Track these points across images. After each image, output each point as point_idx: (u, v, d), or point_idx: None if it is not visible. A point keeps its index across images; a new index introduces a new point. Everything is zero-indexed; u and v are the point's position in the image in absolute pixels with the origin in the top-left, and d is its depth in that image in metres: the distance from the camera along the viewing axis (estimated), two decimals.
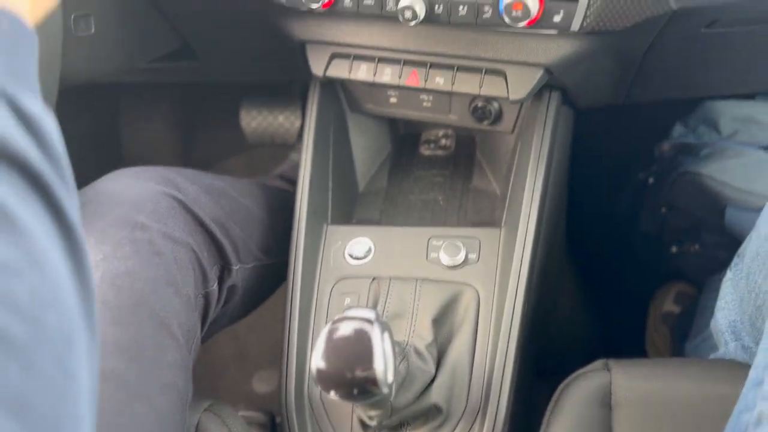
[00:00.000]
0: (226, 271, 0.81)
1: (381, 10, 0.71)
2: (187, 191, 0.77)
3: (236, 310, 0.90)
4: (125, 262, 0.66)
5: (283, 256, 0.89)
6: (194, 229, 0.75)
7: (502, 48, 0.73)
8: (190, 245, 0.73)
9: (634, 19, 0.61)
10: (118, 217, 0.69)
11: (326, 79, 0.85)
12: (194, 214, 0.76)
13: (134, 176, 0.75)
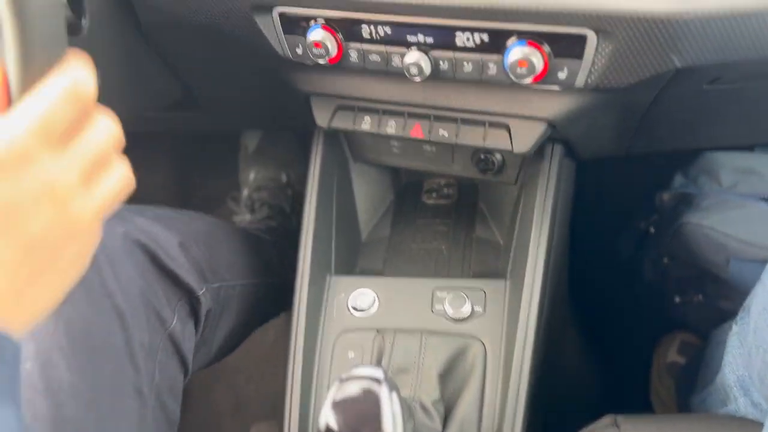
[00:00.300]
0: (192, 300, 0.79)
1: (387, 66, 0.72)
2: (138, 224, 0.76)
3: (223, 337, 0.89)
4: (77, 307, 0.65)
5: (256, 277, 0.88)
6: (147, 268, 0.75)
7: (506, 102, 0.74)
8: (141, 289, 0.72)
9: (638, 77, 0.62)
10: None
11: (331, 130, 0.86)
12: (147, 248, 0.75)
13: None
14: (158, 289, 0.75)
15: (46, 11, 0.44)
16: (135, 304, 0.71)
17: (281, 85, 0.85)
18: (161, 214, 0.83)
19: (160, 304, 0.74)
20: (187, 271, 0.78)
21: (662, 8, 0.56)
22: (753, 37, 0.58)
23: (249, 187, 1.45)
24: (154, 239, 0.76)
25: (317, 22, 0.71)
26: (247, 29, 0.74)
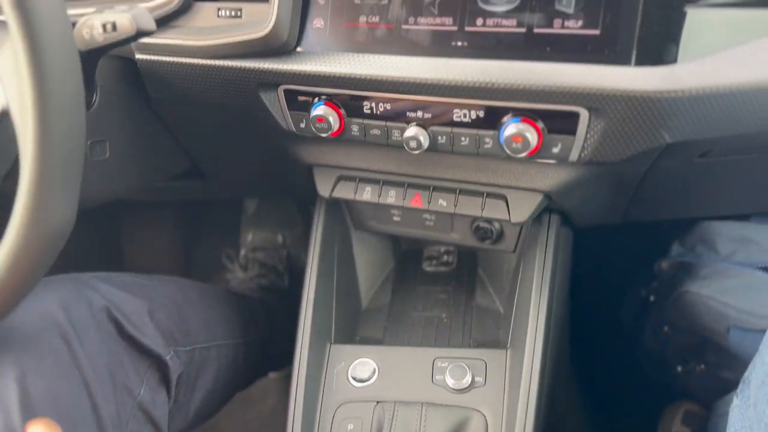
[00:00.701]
0: (161, 365, 0.80)
1: (387, 140, 0.74)
2: (105, 292, 0.78)
3: (200, 400, 0.88)
4: (44, 377, 0.65)
5: (236, 336, 0.88)
6: (113, 337, 0.76)
7: (503, 174, 0.76)
8: (108, 360, 0.73)
9: (630, 152, 0.64)
10: (39, 329, 0.69)
11: (332, 199, 0.88)
12: (113, 317, 0.76)
13: (49, 287, 0.75)
14: (124, 358, 0.76)
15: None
16: (102, 376, 0.71)
17: (285, 157, 0.87)
18: (129, 282, 0.84)
19: (126, 375, 0.75)
20: (153, 337, 0.79)
21: (651, 87, 0.58)
22: (740, 114, 0.60)
23: (246, 247, 1.49)
24: (119, 308, 0.77)
25: (320, 98, 0.74)
26: (252, 105, 0.77)
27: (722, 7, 0.60)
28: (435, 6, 0.67)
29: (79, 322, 0.72)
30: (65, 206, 0.50)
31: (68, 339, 0.69)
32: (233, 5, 0.75)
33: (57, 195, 0.49)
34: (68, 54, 0.48)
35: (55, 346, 0.68)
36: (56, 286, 0.75)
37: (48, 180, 0.48)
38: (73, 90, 0.49)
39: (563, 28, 0.62)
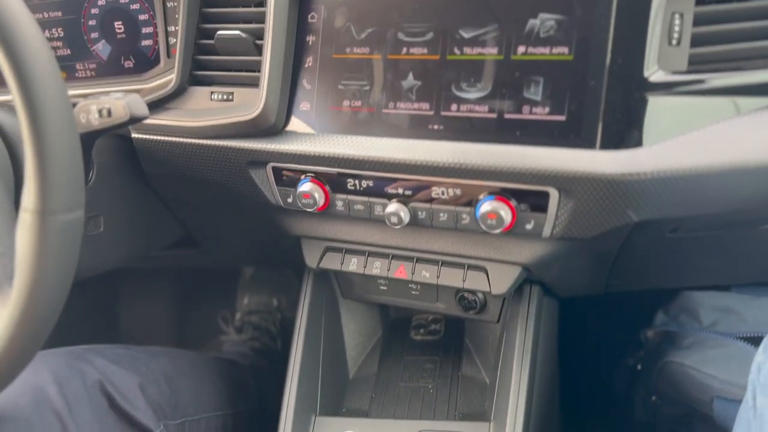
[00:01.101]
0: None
1: (370, 215, 0.77)
2: (98, 366, 0.79)
3: None
4: None
5: (226, 407, 0.89)
6: (104, 411, 0.77)
7: (483, 247, 0.78)
8: None
9: (600, 230, 0.67)
10: (31, 404, 0.70)
11: (320, 270, 0.90)
12: (105, 391, 0.78)
13: (43, 361, 0.76)
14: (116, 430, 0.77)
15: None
16: None
17: (274, 229, 0.90)
18: (122, 355, 0.86)
19: None
20: (144, 411, 0.81)
21: (615, 170, 0.62)
22: (702, 195, 0.63)
23: (242, 310, 1.52)
24: (112, 382, 0.79)
25: (306, 176, 0.77)
26: (242, 182, 0.81)
27: (682, 95, 0.64)
28: (413, 92, 0.71)
29: (72, 396, 0.73)
30: (61, 283, 0.53)
31: (60, 414, 0.71)
32: (225, 89, 0.80)
33: (53, 270, 0.52)
34: (70, 137, 0.52)
35: (48, 421, 0.69)
36: (50, 360, 0.77)
37: (46, 252, 0.51)
38: (75, 172, 0.53)
39: (531, 114, 0.66)
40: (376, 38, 0.72)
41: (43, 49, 0.51)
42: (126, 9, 0.86)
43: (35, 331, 0.52)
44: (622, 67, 0.63)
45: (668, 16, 0.63)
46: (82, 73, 0.92)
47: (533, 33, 0.66)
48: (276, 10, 0.73)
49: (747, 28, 0.63)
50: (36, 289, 0.51)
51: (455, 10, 0.69)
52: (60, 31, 0.90)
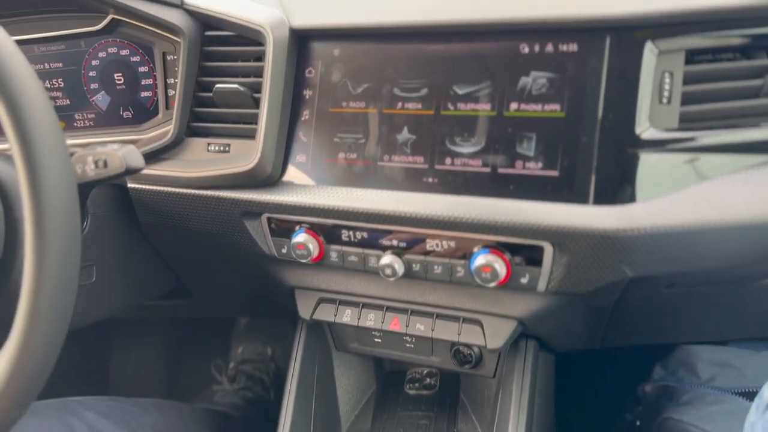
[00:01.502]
0: None
1: (364, 266, 0.77)
2: (87, 419, 0.79)
3: None
4: None
5: None
6: None
7: (477, 301, 0.78)
8: None
9: (595, 285, 0.67)
10: None
11: (313, 321, 0.89)
12: None
13: (33, 414, 0.75)
14: None
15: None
16: None
17: (267, 279, 0.90)
18: (113, 407, 0.85)
19: None
20: None
21: (608, 226, 0.62)
22: (695, 251, 0.63)
23: (236, 359, 1.50)
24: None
25: (301, 227, 0.77)
26: (237, 232, 0.81)
27: (674, 152, 0.64)
28: (408, 146, 0.72)
29: None
30: (55, 334, 0.52)
31: None
32: (222, 141, 0.80)
33: (49, 320, 0.51)
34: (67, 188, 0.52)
35: None
36: (40, 413, 0.75)
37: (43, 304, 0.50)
38: (71, 223, 0.53)
39: (524, 169, 0.66)
40: (372, 93, 0.74)
41: (42, 99, 0.52)
42: (126, 61, 0.88)
43: (28, 386, 0.52)
44: (614, 124, 0.64)
45: (659, 75, 0.65)
46: (81, 123, 0.93)
47: (525, 90, 0.67)
48: (274, 65, 0.75)
49: (736, 87, 0.64)
50: (31, 342, 0.50)
51: (449, 67, 0.70)
52: (60, 81, 0.92)
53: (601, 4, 0.65)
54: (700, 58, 0.66)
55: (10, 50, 0.52)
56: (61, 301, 0.52)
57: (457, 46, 0.70)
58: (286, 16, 0.77)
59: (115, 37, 0.87)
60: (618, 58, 0.64)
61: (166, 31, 0.82)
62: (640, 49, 0.64)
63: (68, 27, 0.89)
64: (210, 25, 0.82)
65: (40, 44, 0.91)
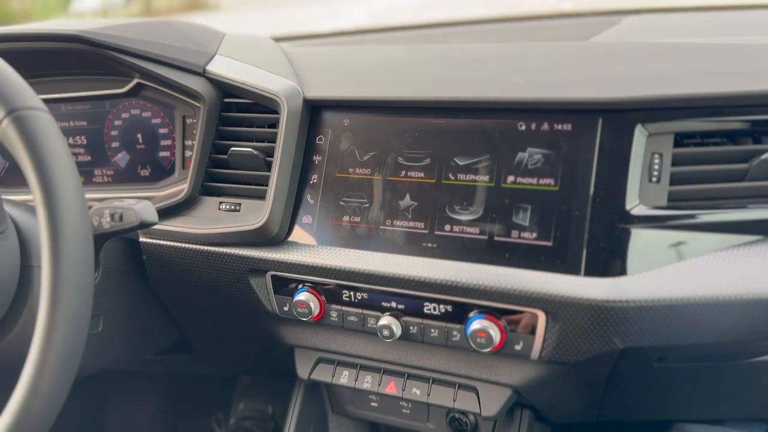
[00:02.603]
0: None
1: (363, 327, 0.78)
2: None
3: None
4: None
5: None
6: None
7: (473, 367, 0.79)
8: None
9: (586, 354, 0.68)
10: None
11: (311, 381, 0.90)
12: None
13: None
14: None
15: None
16: None
17: (268, 337, 0.91)
18: None
19: None
20: None
21: (598, 297, 0.64)
22: (684, 325, 0.65)
23: (236, 416, 1.50)
24: None
25: (304, 285, 0.80)
26: (241, 288, 0.83)
27: (663, 229, 0.67)
28: (409, 211, 0.75)
29: None
30: (64, 379, 0.54)
31: None
32: (233, 200, 0.84)
33: (60, 365, 0.53)
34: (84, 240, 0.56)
35: None
36: None
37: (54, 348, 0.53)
38: (86, 272, 0.56)
39: (520, 239, 0.69)
40: (378, 161, 0.78)
41: (65, 155, 0.56)
42: (148, 123, 0.93)
43: (36, 428, 0.53)
44: (605, 200, 0.67)
45: (648, 155, 0.68)
46: (100, 178, 0.97)
47: (522, 164, 0.71)
48: (287, 132, 0.79)
49: (723, 170, 0.68)
50: (40, 386, 0.52)
51: (451, 140, 0.74)
52: (83, 139, 0.97)
53: (594, 88, 0.70)
54: (688, 141, 0.69)
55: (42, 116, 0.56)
56: (71, 347, 0.54)
57: (460, 121, 0.75)
58: (300, 87, 0.83)
59: (138, 100, 0.93)
60: (609, 138, 0.68)
61: (187, 96, 0.88)
62: (630, 130, 0.68)
63: (95, 88, 0.94)
64: (229, 92, 0.87)
65: (66, 103, 0.96)
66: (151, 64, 0.86)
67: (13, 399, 0.53)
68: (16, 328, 0.74)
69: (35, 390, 0.53)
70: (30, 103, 0.56)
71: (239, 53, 0.91)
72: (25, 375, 0.53)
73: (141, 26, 0.89)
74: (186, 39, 0.91)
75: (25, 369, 0.53)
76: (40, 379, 0.53)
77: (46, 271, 0.54)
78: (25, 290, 0.73)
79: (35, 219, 0.76)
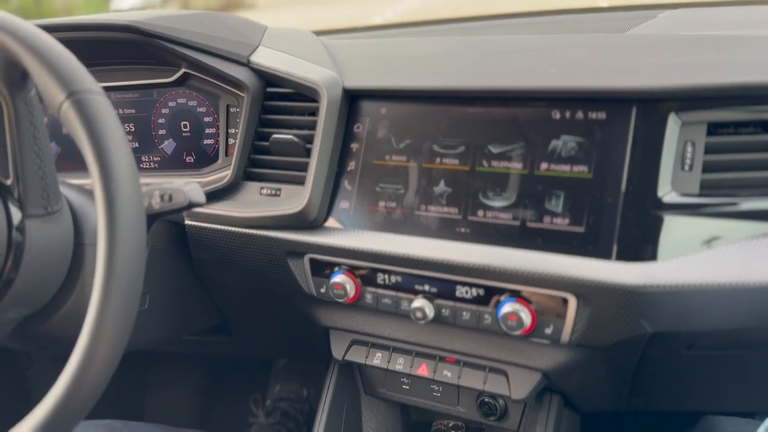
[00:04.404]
0: None
1: (396, 309, 0.81)
2: None
3: None
4: None
5: None
6: None
7: (503, 350, 0.81)
8: None
9: (616, 338, 0.70)
10: None
11: (345, 362, 0.93)
12: None
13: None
14: None
15: None
16: None
17: (305, 319, 0.95)
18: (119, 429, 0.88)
19: None
20: None
21: (629, 281, 0.66)
22: (712, 311, 0.66)
23: (272, 397, 1.56)
24: None
25: (340, 268, 0.83)
26: (280, 270, 0.87)
27: (694, 216, 0.68)
28: (443, 197, 0.77)
29: None
30: (115, 351, 0.58)
31: None
32: (274, 185, 0.88)
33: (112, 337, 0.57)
34: (137, 219, 0.59)
35: None
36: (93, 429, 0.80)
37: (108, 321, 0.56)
38: (138, 250, 0.59)
39: (552, 225, 0.71)
40: (414, 148, 0.80)
41: (122, 140, 0.59)
42: (193, 111, 0.97)
43: (87, 398, 0.57)
44: (638, 187, 0.68)
45: (681, 144, 0.69)
46: (147, 164, 1.01)
47: (556, 152, 0.72)
48: (326, 120, 0.82)
49: (754, 158, 0.68)
50: (94, 356, 0.56)
51: (486, 128, 0.77)
52: (132, 126, 1.01)
53: (630, 77, 0.72)
54: (721, 131, 0.70)
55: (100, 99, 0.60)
56: (124, 321, 0.57)
57: (494, 110, 0.77)
58: (339, 77, 0.85)
59: (185, 89, 0.97)
60: (643, 126, 0.70)
61: (232, 86, 0.92)
62: (664, 120, 0.69)
63: (143, 78, 0.99)
64: (271, 82, 0.90)
65: (116, 92, 1.01)
66: (198, 54, 0.90)
67: (67, 369, 0.56)
68: (69, 303, 0.78)
69: (89, 360, 0.56)
70: (90, 87, 0.60)
71: (281, 45, 0.95)
72: (80, 346, 0.56)
73: (189, 18, 0.93)
74: (231, 31, 0.95)
75: (79, 340, 0.56)
76: (94, 350, 0.56)
77: (102, 247, 0.57)
78: (77, 267, 0.77)
79: (89, 200, 0.81)
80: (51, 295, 0.76)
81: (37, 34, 0.60)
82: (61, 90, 0.58)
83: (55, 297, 0.77)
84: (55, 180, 0.70)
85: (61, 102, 0.58)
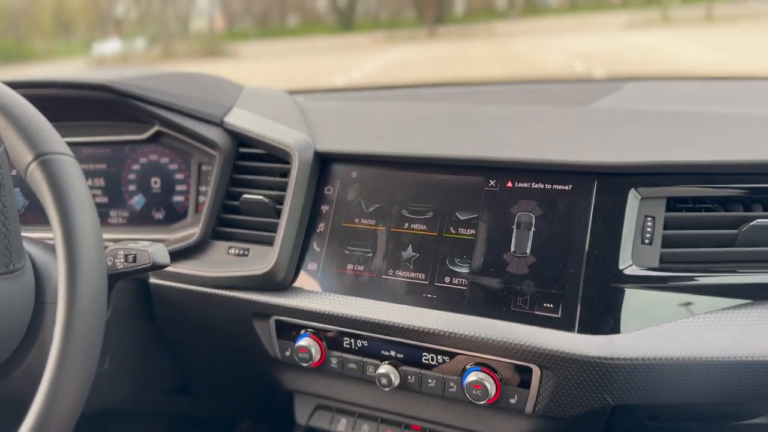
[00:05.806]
0: None
1: (362, 374, 0.80)
2: None
3: None
4: None
5: None
6: None
7: (468, 419, 0.80)
8: None
9: (579, 410, 0.70)
10: None
11: (309, 428, 0.91)
12: None
13: None
14: None
15: None
16: None
17: (269, 381, 0.93)
18: None
19: None
20: None
21: (592, 353, 0.66)
22: (675, 384, 0.67)
23: None
24: None
25: (306, 331, 0.82)
26: (245, 331, 0.86)
27: (655, 289, 0.70)
28: (411, 262, 0.78)
29: None
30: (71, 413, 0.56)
31: None
32: (242, 245, 0.87)
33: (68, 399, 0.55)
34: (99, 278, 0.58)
35: None
36: None
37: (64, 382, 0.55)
38: (99, 310, 0.58)
39: (517, 294, 0.72)
40: (383, 213, 0.81)
41: (87, 197, 0.59)
42: (165, 168, 0.97)
43: None
44: (599, 259, 0.70)
45: (641, 218, 0.71)
46: (115, 220, 1.01)
47: (521, 222, 0.74)
48: (297, 182, 0.83)
49: (713, 234, 0.71)
50: (49, 420, 0.54)
51: (453, 195, 0.78)
52: (101, 181, 1.01)
53: (591, 152, 0.74)
54: (680, 206, 0.73)
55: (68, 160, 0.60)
56: (82, 381, 0.56)
57: (462, 178, 0.78)
58: (312, 139, 0.87)
59: (157, 146, 0.97)
60: (604, 200, 0.71)
61: (204, 144, 0.92)
62: (624, 193, 0.72)
63: (116, 134, 0.99)
64: (244, 142, 0.91)
65: (88, 147, 1.01)
66: (171, 114, 0.91)
67: (22, 429, 0.55)
68: (25, 363, 0.76)
69: (44, 422, 0.54)
70: (57, 149, 0.60)
71: (255, 106, 0.96)
72: (35, 407, 0.55)
73: (165, 78, 0.95)
74: (206, 91, 0.96)
75: (35, 401, 0.55)
76: (50, 411, 0.55)
77: (62, 306, 0.56)
78: (37, 326, 0.75)
79: (52, 257, 0.80)
80: (8, 354, 0.74)
81: (7, 93, 0.61)
82: (29, 151, 0.58)
83: (13, 356, 0.75)
84: (19, 237, 0.69)
85: (28, 163, 0.58)
